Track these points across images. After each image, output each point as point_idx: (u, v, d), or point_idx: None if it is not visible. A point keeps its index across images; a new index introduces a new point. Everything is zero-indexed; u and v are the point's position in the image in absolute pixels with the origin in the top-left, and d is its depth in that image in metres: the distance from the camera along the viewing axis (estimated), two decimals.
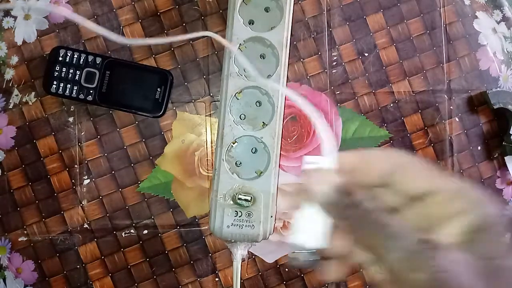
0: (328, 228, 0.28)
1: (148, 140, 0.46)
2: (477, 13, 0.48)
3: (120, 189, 0.46)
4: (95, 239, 0.46)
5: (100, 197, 0.46)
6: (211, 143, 0.46)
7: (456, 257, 0.24)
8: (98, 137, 0.46)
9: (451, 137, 0.48)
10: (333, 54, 0.47)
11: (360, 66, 0.47)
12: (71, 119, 0.46)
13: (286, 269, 0.46)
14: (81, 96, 0.44)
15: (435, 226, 0.26)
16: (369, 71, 0.47)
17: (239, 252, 0.44)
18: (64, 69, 0.44)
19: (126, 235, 0.46)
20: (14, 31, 0.45)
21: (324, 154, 0.28)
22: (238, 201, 0.41)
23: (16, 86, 0.45)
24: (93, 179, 0.46)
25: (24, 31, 0.45)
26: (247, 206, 0.42)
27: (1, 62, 0.45)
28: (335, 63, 0.47)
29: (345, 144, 0.47)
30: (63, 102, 0.46)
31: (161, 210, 0.46)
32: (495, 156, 0.48)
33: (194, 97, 0.46)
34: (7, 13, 0.45)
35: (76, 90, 0.44)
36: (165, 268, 0.46)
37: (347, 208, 0.26)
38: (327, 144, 0.29)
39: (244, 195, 0.41)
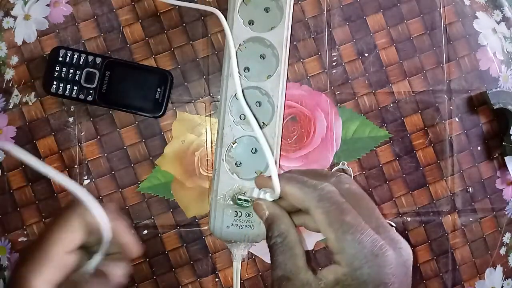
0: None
1: (148, 140, 0.46)
2: (477, 13, 0.48)
3: (120, 189, 0.46)
4: None
5: (100, 197, 0.46)
6: (211, 143, 0.46)
7: None
8: (98, 137, 0.46)
9: (451, 137, 0.48)
10: (333, 54, 0.47)
11: (360, 66, 0.47)
12: (71, 119, 0.46)
13: None
14: (81, 96, 0.44)
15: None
16: (369, 71, 0.47)
17: (239, 252, 0.44)
18: (64, 69, 0.44)
19: None
20: (14, 31, 0.45)
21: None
22: (238, 201, 0.41)
23: (16, 86, 0.45)
24: (93, 179, 0.46)
25: (24, 31, 0.45)
26: (247, 206, 0.42)
27: (1, 62, 0.45)
28: (335, 63, 0.47)
29: (345, 144, 0.47)
30: (63, 102, 0.46)
31: (161, 210, 0.46)
32: (495, 156, 0.48)
33: (194, 97, 0.46)
34: (7, 13, 0.45)
35: (76, 90, 0.44)
36: (165, 268, 0.46)
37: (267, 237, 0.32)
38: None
39: (244, 195, 0.41)
